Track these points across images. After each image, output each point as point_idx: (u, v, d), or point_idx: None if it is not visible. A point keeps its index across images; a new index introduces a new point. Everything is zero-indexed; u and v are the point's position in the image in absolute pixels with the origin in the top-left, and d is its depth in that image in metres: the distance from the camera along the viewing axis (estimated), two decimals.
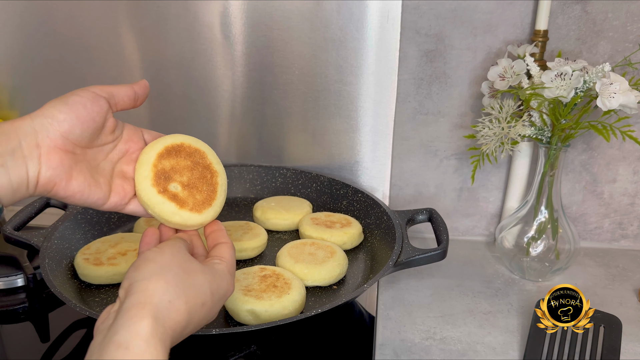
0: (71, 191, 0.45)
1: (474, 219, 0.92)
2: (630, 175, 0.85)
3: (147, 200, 0.49)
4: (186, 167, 0.51)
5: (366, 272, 0.76)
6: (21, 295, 0.77)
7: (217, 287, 0.45)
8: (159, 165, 0.50)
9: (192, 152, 0.52)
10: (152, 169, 0.50)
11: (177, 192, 0.50)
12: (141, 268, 0.43)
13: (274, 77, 0.87)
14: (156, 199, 0.49)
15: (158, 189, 0.49)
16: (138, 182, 0.50)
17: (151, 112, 0.92)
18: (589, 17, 0.78)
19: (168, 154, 0.51)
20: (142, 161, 0.50)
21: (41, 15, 0.87)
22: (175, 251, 0.45)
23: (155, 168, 0.50)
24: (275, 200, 0.89)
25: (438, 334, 0.70)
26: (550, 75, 0.69)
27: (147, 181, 0.49)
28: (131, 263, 0.72)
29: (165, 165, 0.50)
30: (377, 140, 0.88)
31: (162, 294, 0.40)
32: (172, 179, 0.50)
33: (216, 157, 0.54)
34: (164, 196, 0.49)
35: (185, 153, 0.52)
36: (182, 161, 0.51)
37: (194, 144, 0.53)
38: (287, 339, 0.69)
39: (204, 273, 0.45)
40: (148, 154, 0.50)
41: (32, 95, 0.94)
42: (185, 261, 0.45)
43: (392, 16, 0.81)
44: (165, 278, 0.41)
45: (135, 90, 0.50)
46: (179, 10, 0.85)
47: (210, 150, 0.54)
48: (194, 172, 0.51)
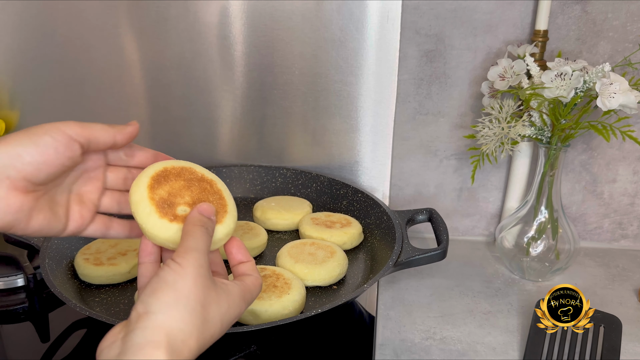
0: (30, 231, 0.42)
1: (474, 219, 0.92)
2: (630, 175, 0.85)
3: (162, 235, 0.46)
4: (182, 187, 0.48)
5: (366, 272, 0.76)
6: (21, 295, 0.77)
7: (228, 318, 0.43)
8: (155, 196, 0.47)
9: (179, 171, 0.49)
10: (151, 203, 0.46)
11: (187, 213, 0.47)
12: (159, 295, 0.39)
13: (274, 77, 0.87)
14: (171, 228, 0.46)
15: (168, 218, 0.46)
16: (144, 222, 0.46)
17: (151, 112, 0.92)
18: (588, 17, 0.78)
19: (158, 183, 0.47)
20: (137, 200, 0.46)
21: (41, 15, 0.87)
22: (197, 275, 0.41)
23: (153, 201, 0.46)
24: (275, 200, 0.89)
25: (438, 334, 0.70)
26: (550, 75, 0.69)
27: (154, 216, 0.46)
28: (131, 263, 0.73)
29: (162, 194, 0.47)
30: (377, 140, 0.88)
31: (177, 334, 0.38)
32: (176, 203, 0.47)
33: (204, 169, 0.51)
34: (177, 222, 0.46)
35: (173, 175, 0.49)
36: (175, 183, 0.48)
37: (176, 164, 0.50)
38: (287, 339, 0.69)
39: (219, 304, 0.42)
40: (138, 192, 0.47)
41: (32, 95, 0.93)
42: (204, 288, 0.41)
43: (392, 16, 0.81)
44: (182, 315, 0.39)
45: (117, 139, 0.46)
46: (179, 10, 0.85)
47: (194, 164, 0.51)
48: (193, 189, 0.49)
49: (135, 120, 0.49)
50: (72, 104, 0.93)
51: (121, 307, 0.69)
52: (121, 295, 0.71)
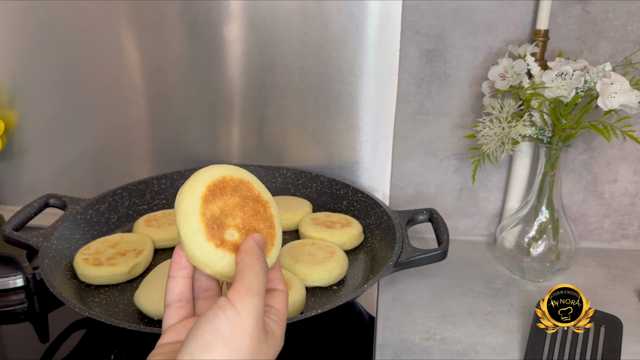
0: None
1: (474, 219, 0.92)
2: (630, 175, 0.85)
3: (204, 260, 0.41)
4: (236, 206, 0.43)
5: (366, 273, 0.76)
6: (20, 296, 0.77)
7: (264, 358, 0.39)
8: (207, 212, 0.41)
9: (237, 185, 0.44)
10: (201, 219, 0.41)
11: (235, 240, 0.42)
12: (212, 352, 0.35)
13: (274, 77, 0.87)
14: (216, 255, 0.41)
15: (215, 242, 0.41)
16: (188, 240, 0.41)
17: (151, 112, 0.92)
18: (589, 17, 0.78)
19: (213, 196, 0.42)
20: (186, 211, 0.42)
21: (41, 15, 0.87)
22: (255, 327, 0.37)
23: (204, 217, 0.41)
24: (275, 200, 0.89)
25: (438, 334, 0.70)
26: (551, 75, 0.68)
27: (200, 236, 0.41)
28: (130, 264, 0.73)
29: (214, 210, 0.42)
30: (377, 140, 0.88)
31: None
32: (226, 225, 0.42)
33: (261, 184, 0.47)
34: (224, 249, 0.41)
35: (230, 189, 0.44)
36: (230, 199, 0.43)
37: (235, 174, 0.45)
38: (287, 340, 0.68)
39: (267, 354, 0.39)
40: (191, 200, 0.42)
41: (32, 95, 0.93)
42: (259, 344, 0.37)
43: (392, 16, 0.81)
44: None
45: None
46: (179, 9, 0.85)
47: (253, 177, 0.47)
48: (246, 210, 0.44)
49: (135, 120, 0.47)
50: (71, 103, 0.93)
51: (120, 308, 0.69)
52: (121, 296, 0.71)
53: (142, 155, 0.95)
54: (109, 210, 0.84)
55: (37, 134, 0.96)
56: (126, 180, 0.89)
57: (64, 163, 0.97)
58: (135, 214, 0.87)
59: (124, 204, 0.87)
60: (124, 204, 0.86)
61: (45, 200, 0.80)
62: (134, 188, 0.88)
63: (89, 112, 0.93)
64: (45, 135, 0.96)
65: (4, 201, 1.02)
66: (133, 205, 0.88)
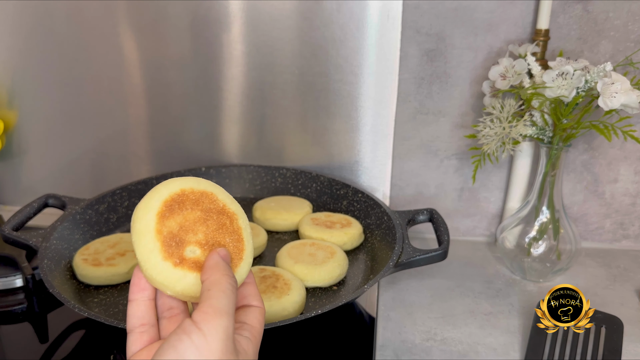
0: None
1: (474, 219, 0.92)
2: (631, 175, 0.85)
3: (162, 280, 0.39)
4: (198, 221, 0.41)
5: (366, 273, 0.76)
6: (20, 296, 0.76)
7: None
8: (163, 229, 0.39)
9: (198, 198, 0.41)
10: (157, 237, 0.39)
11: (197, 257, 0.40)
12: None
13: (274, 77, 0.87)
14: (174, 274, 0.39)
15: (173, 261, 0.39)
16: (144, 260, 0.39)
17: (151, 112, 0.92)
18: (590, 17, 0.78)
19: (170, 211, 0.40)
20: (141, 230, 0.39)
21: (40, 15, 0.87)
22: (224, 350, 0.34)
23: (160, 235, 0.39)
24: (275, 201, 0.89)
25: (439, 334, 0.70)
26: (552, 74, 0.68)
27: (156, 255, 0.39)
28: (130, 264, 0.73)
29: (172, 226, 0.40)
30: (377, 140, 0.88)
31: None
32: (186, 241, 0.40)
33: (228, 195, 0.44)
34: (183, 268, 0.39)
35: (190, 202, 0.41)
36: (190, 214, 0.40)
37: (196, 186, 0.42)
38: (287, 340, 0.68)
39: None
40: (146, 218, 0.39)
41: (31, 94, 0.93)
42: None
43: (393, 15, 0.80)
44: None
45: None
46: (179, 9, 0.84)
47: (219, 188, 0.44)
48: (209, 224, 0.41)
49: (134, 119, 0.47)
50: (71, 103, 0.93)
51: (120, 308, 0.68)
52: (120, 296, 0.71)
53: (141, 155, 0.95)
54: (108, 211, 0.84)
55: (37, 134, 0.96)
56: (125, 181, 0.89)
57: (63, 163, 0.97)
58: None
59: (124, 204, 0.86)
60: (123, 204, 0.86)
61: (44, 201, 0.80)
62: (133, 188, 0.87)
63: (89, 112, 0.93)
64: (44, 135, 0.96)
65: (3, 201, 1.02)
66: (132, 206, 0.87)
